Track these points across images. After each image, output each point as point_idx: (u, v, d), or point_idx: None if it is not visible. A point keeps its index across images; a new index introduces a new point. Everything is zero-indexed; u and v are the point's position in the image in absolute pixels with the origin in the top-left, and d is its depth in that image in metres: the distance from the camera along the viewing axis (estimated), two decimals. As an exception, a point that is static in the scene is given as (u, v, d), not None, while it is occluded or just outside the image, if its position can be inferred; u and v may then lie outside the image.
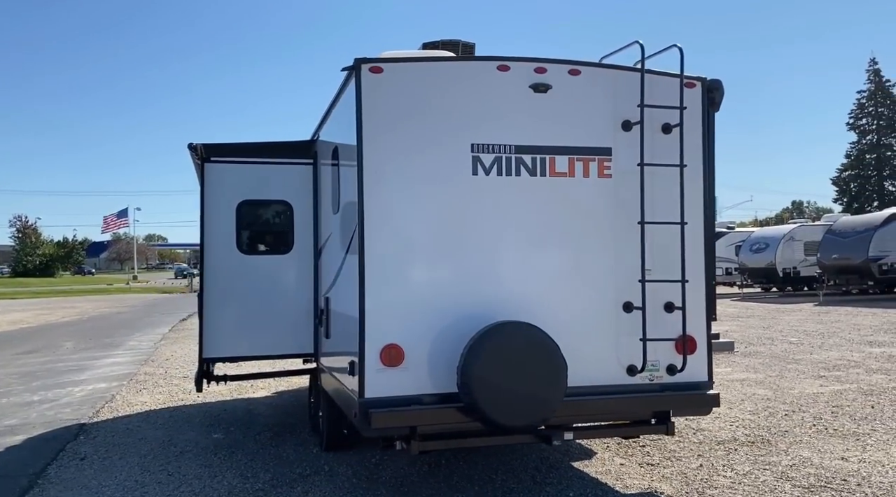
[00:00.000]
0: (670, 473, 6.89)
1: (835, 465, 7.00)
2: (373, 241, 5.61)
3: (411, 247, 5.74)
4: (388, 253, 5.66)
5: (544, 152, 5.94)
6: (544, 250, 5.96)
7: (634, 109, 6.02)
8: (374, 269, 5.61)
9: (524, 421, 5.44)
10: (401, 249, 5.71)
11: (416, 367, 5.63)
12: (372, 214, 5.62)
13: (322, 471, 7.19)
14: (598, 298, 6.02)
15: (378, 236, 5.63)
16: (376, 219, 5.63)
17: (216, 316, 7.85)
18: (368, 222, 5.62)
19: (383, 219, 5.65)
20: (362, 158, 5.62)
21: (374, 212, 5.63)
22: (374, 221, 5.62)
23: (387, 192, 5.66)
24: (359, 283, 5.60)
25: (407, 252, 5.72)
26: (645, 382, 6.04)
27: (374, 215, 5.63)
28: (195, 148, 7.80)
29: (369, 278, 5.60)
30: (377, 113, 5.64)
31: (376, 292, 5.60)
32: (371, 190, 5.62)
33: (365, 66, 5.63)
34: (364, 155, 5.62)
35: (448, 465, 7.23)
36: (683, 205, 6.01)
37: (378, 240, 5.62)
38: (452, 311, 5.72)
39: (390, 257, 5.67)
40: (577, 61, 6.08)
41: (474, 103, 5.85)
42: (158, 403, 11.01)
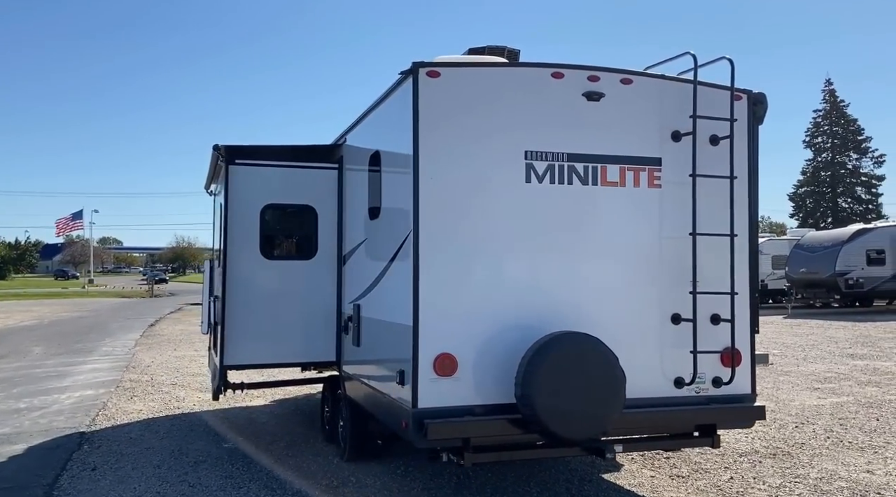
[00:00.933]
0: (704, 486, 6.86)
1: (863, 479, 7.06)
2: (428, 249, 5.49)
3: (465, 255, 5.63)
4: (443, 261, 5.55)
5: (596, 161, 5.89)
6: (595, 260, 5.90)
7: (683, 120, 6.02)
8: (428, 277, 5.49)
9: (584, 434, 5.37)
10: (455, 257, 5.60)
11: (468, 377, 5.52)
12: (427, 221, 5.50)
13: (349, 482, 7.02)
14: (647, 309, 5.97)
15: (433, 244, 5.51)
16: (432, 226, 5.51)
17: (238, 322, 7.62)
18: (424, 230, 5.49)
19: (439, 226, 5.53)
20: (418, 164, 5.50)
21: (430, 219, 5.51)
22: (429, 229, 5.50)
23: (443, 199, 5.55)
24: (413, 292, 5.47)
25: (461, 260, 5.61)
26: (691, 395, 6.01)
27: (430, 222, 5.51)
28: (219, 149, 7.58)
29: (424, 286, 5.48)
30: (434, 117, 5.53)
31: (431, 300, 5.48)
32: (427, 196, 5.51)
33: (423, 69, 5.52)
34: (420, 160, 5.50)
35: (477, 477, 7.11)
36: (733, 217, 6.02)
37: (433, 247, 5.51)
38: (506, 320, 5.63)
39: (445, 265, 5.55)
40: (629, 70, 6.05)
41: (528, 110, 5.78)
42: (154, 412, 10.68)
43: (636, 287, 5.97)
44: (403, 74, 5.67)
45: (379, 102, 6.52)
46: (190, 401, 11.54)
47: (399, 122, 5.89)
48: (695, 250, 5.90)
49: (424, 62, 5.61)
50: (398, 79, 5.89)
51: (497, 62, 5.90)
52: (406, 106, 5.64)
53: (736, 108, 6.12)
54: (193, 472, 7.47)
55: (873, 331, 21.32)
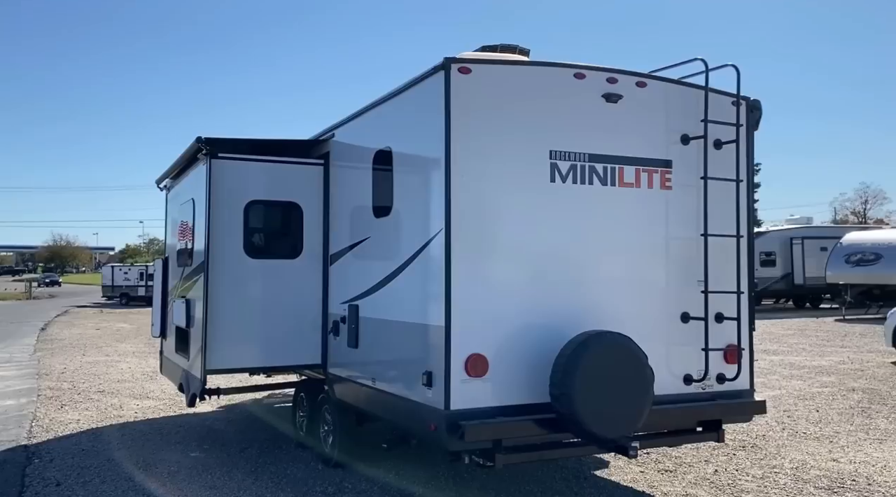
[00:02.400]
0: (695, 479, 7.08)
1: (832, 467, 7.47)
2: (460, 249, 5.40)
3: (494, 255, 5.57)
4: (474, 260, 5.47)
5: (614, 162, 5.97)
6: (613, 260, 5.97)
7: (690, 124, 6.19)
8: (460, 277, 5.40)
9: (619, 432, 5.41)
10: (485, 257, 5.53)
11: (498, 377, 5.47)
12: (459, 221, 5.41)
13: (346, 489, 6.81)
14: (660, 308, 6.10)
15: (465, 243, 5.42)
16: (464, 225, 5.42)
17: (222, 324, 7.23)
18: (456, 229, 5.39)
19: (470, 225, 5.45)
20: (450, 162, 5.40)
21: (462, 218, 5.42)
22: (461, 228, 5.41)
23: (473, 198, 5.47)
24: (445, 292, 5.37)
25: (490, 260, 5.55)
26: (698, 391, 6.18)
27: (462, 221, 5.41)
28: (203, 142, 7.18)
29: (456, 287, 5.38)
30: (465, 114, 5.45)
31: (462, 301, 5.39)
32: (459, 195, 5.41)
33: (454, 65, 5.43)
34: (452, 158, 5.40)
35: (476, 478, 7.06)
36: (740, 218, 6.24)
37: (465, 247, 5.42)
38: (534, 319, 5.62)
39: (475, 265, 5.47)
40: (643, 73, 6.17)
41: (552, 110, 5.79)
42: (94, 421, 10.01)
43: (650, 287, 6.09)
44: (433, 69, 5.55)
45: (389, 98, 6.36)
46: (129, 409, 10.90)
47: (422, 118, 5.77)
48: (706, 250, 6.08)
49: (456, 58, 5.52)
50: (422, 74, 5.77)
51: (523, 61, 5.87)
52: (433, 102, 5.53)
53: (732, 113, 6.34)
54: (172, 483, 7.06)
55: (773, 328, 22.63)
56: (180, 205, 8.85)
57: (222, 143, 7.27)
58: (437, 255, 5.48)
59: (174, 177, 9.48)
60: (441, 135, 5.43)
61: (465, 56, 5.75)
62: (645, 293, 6.06)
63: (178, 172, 9.12)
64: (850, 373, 13.62)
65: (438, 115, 5.45)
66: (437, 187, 5.47)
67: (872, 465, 7.57)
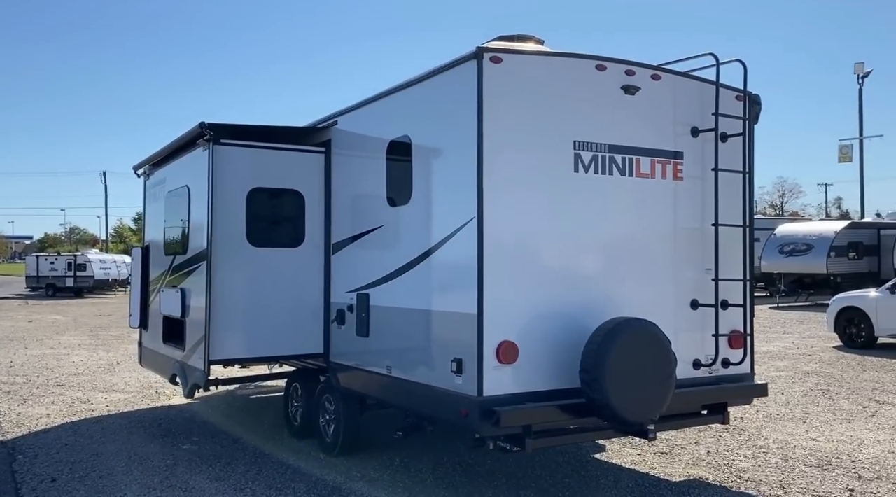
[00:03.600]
0: (691, 460, 7.34)
1: (814, 446, 7.85)
2: (492, 237, 5.45)
3: (524, 242, 5.65)
4: (505, 249, 5.53)
5: (632, 153, 6.11)
6: (631, 248, 6.12)
7: (699, 116, 6.39)
8: (492, 265, 5.45)
9: (647, 416, 5.57)
10: (515, 245, 5.60)
11: (527, 363, 5.56)
12: (492, 209, 5.46)
13: (355, 477, 6.80)
14: (672, 296, 6.29)
15: (497, 232, 5.48)
16: (496, 214, 5.47)
17: (226, 314, 7.08)
18: (488, 218, 5.44)
19: (502, 214, 5.51)
20: (482, 151, 5.44)
21: (494, 206, 5.47)
22: (493, 217, 5.46)
23: (504, 187, 5.53)
24: (477, 280, 5.42)
25: (520, 247, 5.63)
26: (705, 375, 6.40)
27: (494, 210, 5.47)
28: (206, 127, 6.99)
29: (488, 274, 5.44)
30: (496, 104, 5.49)
31: (494, 288, 5.45)
32: (490, 183, 5.46)
33: (486, 54, 5.46)
34: (485, 147, 5.44)
35: (482, 464, 7.15)
36: (745, 209, 6.48)
37: (496, 236, 5.48)
38: (561, 306, 5.73)
39: (506, 253, 5.54)
40: (658, 66, 6.32)
41: (575, 100, 5.89)
42: (66, 416, 9.67)
43: (663, 274, 6.26)
44: (463, 58, 5.57)
45: (406, 86, 6.34)
46: (97, 403, 10.56)
47: (449, 107, 5.79)
48: (717, 239, 6.29)
49: (488, 47, 5.55)
50: (448, 63, 5.79)
51: (549, 51, 5.94)
52: (464, 90, 5.55)
53: (737, 107, 6.57)
54: (174, 476, 6.91)
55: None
56: (169, 192, 8.60)
57: (225, 128, 7.11)
58: (469, 243, 5.51)
59: (157, 163, 9.21)
60: (473, 124, 5.46)
61: (492, 45, 5.77)
62: (658, 281, 6.24)
63: (163, 159, 8.86)
64: (800, 357, 14.25)
65: (470, 103, 5.48)
66: (468, 176, 5.50)
67: (849, 443, 7.98)
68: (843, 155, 37.15)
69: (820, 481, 6.67)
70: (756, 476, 6.84)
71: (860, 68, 38.03)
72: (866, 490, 6.43)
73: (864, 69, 38.03)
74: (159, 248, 8.90)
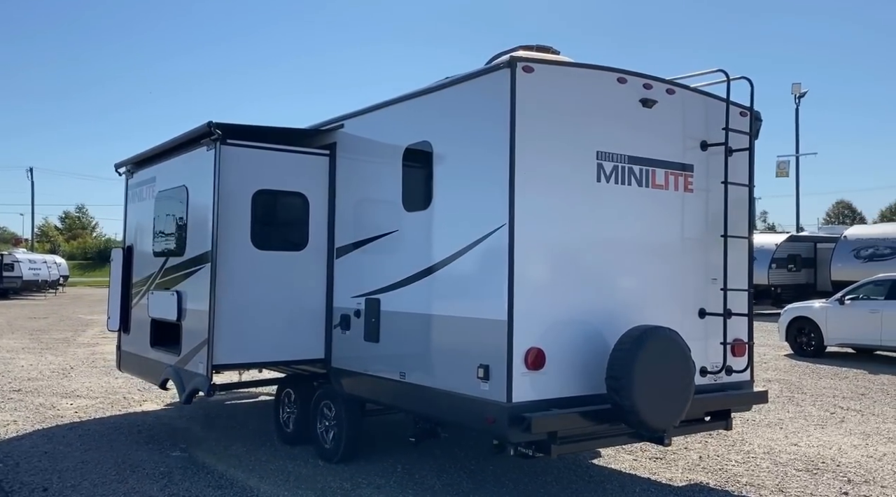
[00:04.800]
0: (687, 465, 7.51)
1: (798, 451, 8.13)
2: (522, 244, 5.50)
3: (551, 250, 5.72)
4: (533, 256, 5.59)
5: (648, 164, 6.25)
6: (648, 258, 6.25)
7: (706, 131, 6.57)
8: (522, 271, 5.50)
9: (669, 422, 5.70)
10: (543, 252, 5.67)
11: (553, 370, 5.62)
12: (521, 217, 5.50)
13: (361, 484, 6.74)
14: (683, 305, 6.45)
15: (526, 239, 5.53)
16: (526, 221, 5.52)
17: (229, 318, 6.91)
18: (519, 224, 5.49)
19: (531, 221, 5.56)
20: (514, 158, 5.49)
21: (525, 214, 5.52)
22: (524, 224, 5.51)
23: (534, 195, 5.59)
24: (507, 286, 5.46)
25: (547, 255, 5.70)
26: (710, 383, 6.58)
27: (525, 217, 5.52)
28: (213, 126, 6.82)
29: (518, 281, 5.48)
30: (528, 112, 5.55)
31: (524, 295, 5.49)
32: (521, 191, 5.51)
33: (520, 63, 5.51)
34: (516, 154, 5.49)
35: (483, 472, 7.16)
36: (751, 221, 6.70)
37: (526, 242, 5.52)
38: (585, 314, 5.82)
39: (534, 260, 5.60)
40: (671, 81, 6.48)
41: (599, 112, 6.00)
42: (34, 423, 9.27)
43: (674, 284, 6.42)
44: (494, 67, 5.62)
45: (427, 92, 6.35)
46: (63, 409, 10.17)
47: (478, 114, 5.82)
48: (726, 250, 6.48)
49: (521, 56, 5.61)
50: (477, 71, 5.83)
51: (576, 63, 6.02)
52: (495, 98, 5.60)
53: (742, 123, 6.79)
54: (173, 483, 6.72)
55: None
56: (160, 191, 8.35)
57: (232, 128, 6.96)
58: (499, 249, 5.54)
59: (143, 162, 8.94)
60: (505, 132, 5.50)
61: (524, 55, 5.83)
62: (671, 290, 6.39)
63: (152, 157, 8.61)
64: (757, 365, 14.63)
65: (502, 112, 5.52)
66: (499, 183, 5.53)
67: (829, 447, 8.30)
68: (781, 170, 38.62)
69: (815, 485, 6.92)
70: (753, 480, 7.05)
71: (797, 88, 39.65)
72: (859, 493, 6.70)
73: (800, 89, 39.68)
74: (146, 249, 8.63)
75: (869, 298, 15.26)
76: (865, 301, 15.26)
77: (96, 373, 13.48)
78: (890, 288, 14.97)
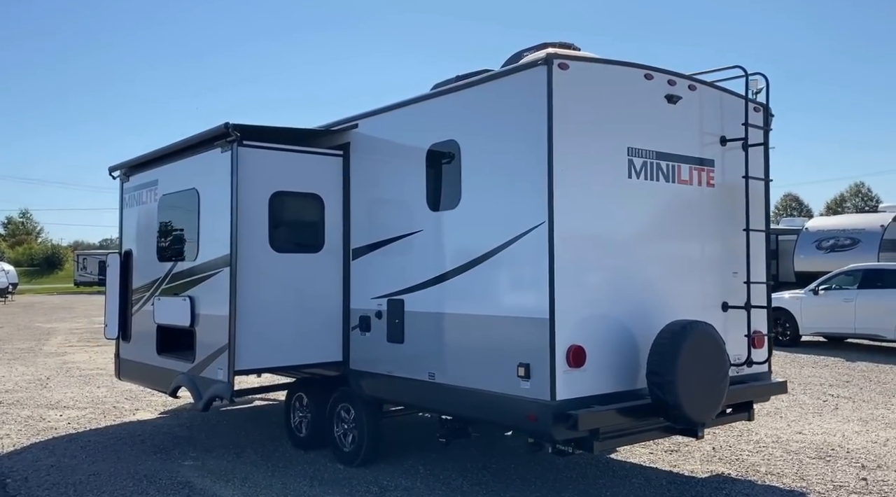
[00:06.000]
0: (704, 456, 7.62)
1: (804, 439, 8.32)
2: (562, 241, 5.50)
3: (588, 247, 5.73)
4: (573, 253, 5.59)
5: (674, 160, 6.31)
6: (676, 253, 6.32)
7: (722, 126, 6.66)
8: (562, 269, 5.50)
9: (708, 415, 5.76)
10: (581, 249, 5.67)
11: (593, 367, 5.63)
12: (561, 213, 5.50)
13: (389, 487, 6.66)
14: (709, 298, 6.52)
15: (566, 236, 5.53)
16: (564, 218, 5.52)
17: (250, 322, 6.76)
18: (559, 221, 5.49)
19: (570, 219, 5.57)
20: (552, 155, 5.49)
21: (563, 211, 5.52)
22: (563, 222, 5.51)
23: (571, 191, 5.59)
24: (549, 284, 5.45)
25: (585, 251, 5.71)
26: (733, 375, 6.66)
27: (563, 214, 5.52)
28: (231, 127, 6.67)
29: (559, 278, 5.48)
30: (564, 110, 5.55)
31: (565, 292, 5.50)
32: (560, 188, 5.51)
33: (556, 61, 5.51)
34: (554, 151, 5.49)
35: (505, 470, 7.15)
36: (768, 214, 6.81)
37: (566, 239, 5.53)
38: (622, 310, 5.85)
39: (574, 257, 5.60)
40: (692, 77, 6.55)
41: (629, 108, 6.03)
42: (28, 436, 8.95)
43: (700, 278, 6.49)
44: (529, 64, 5.62)
45: (454, 90, 6.31)
46: (54, 420, 9.84)
47: (512, 112, 5.80)
48: (748, 244, 6.58)
49: (557, 53, 5.61)
50: (507, 69, 5.83)
51: (606, 59, 6.03)
52: (530, 96, 5.60)
53: (756, 118, 6.91)
54: (195, 493, 6.56)
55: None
56: (165, 195, 8.13)
57: (250, 129, 6.81)
58: (539, 247, 5.53)
59: (140, 165, 8.70)
60: (543, 129, 5.50)
61: (559, 52, 5.83)
62: (698, 285, 6.46)
63: (151, 160, 8.38)
64: (737, 356, 15.01)
65: (539, 109, 5.52)
66: (538, 180, 5.53)
67: (832, 435, 8.50)
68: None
69: (832, 472, 7.07)
70: (772, 469, 7.18)
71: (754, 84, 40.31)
72: (877, 478, 6.88)
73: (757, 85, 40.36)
74: (149, 253, 8.38)
75: (842, 288, 15.69)
76: (839, 291, 15.69)
77: (75, 383, 13.09)
78: (862, 278, 15.42)
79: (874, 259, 19.85)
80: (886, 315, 14.74)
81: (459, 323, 6.22)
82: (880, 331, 14.97)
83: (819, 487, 6.65)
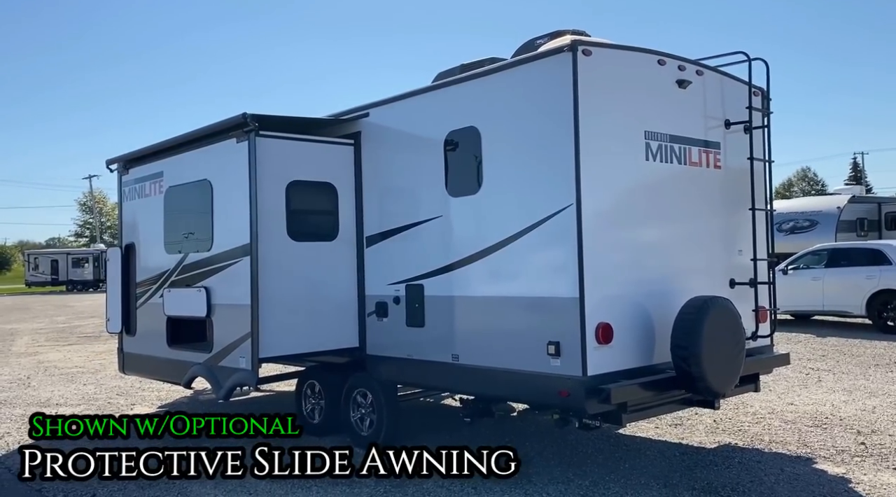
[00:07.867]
0: (708, 429, 7.92)
1: (798, 409, 8.70)
2: (589, 222, 5.69)
3: (613, 227, 5.94)
4: (599, 233, 5.79)
5: (685, 143, 6.55)
6: (690, 232, 6.58)
7: (725, 110, 6.92)
8: (590, 249, 5.70)
9: (727, 387, 6.04)
10: (606, 230, 5.87)
11: (619, 343, 5.85)
12: (588, 196, 5.70)
13: (413, 468, 6.79)
14: (718, 276, 6.80)
15: (592, 217, 5.72)
16: (591, 200, 5.72)
17: (272, 310, 6.83)
18: (586, 203, 5.68)
19: (596, 201, 5.77)
20: (578, 139, 5.67)
21: (589, 193, 5.71)
22: (589, 202, 5.70)
23: (596, 174, 5.79)
24: (577, 265, 5.65)
25: (610, 232, 5.91)
26: (741, 348, 6.96)
27: (589, 196, 5.71)
28: (249, 118, 6.69)
29: (587, 258, 5.67)
30: (589, 95, 5.74)
31: (593, 272, 5.70)
32: (587, 171, 5.70)
33: (580, 47, 5.69)
34: (581, 135, 5.68)
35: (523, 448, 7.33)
36: (770, 194, 7.11)
37: (592, 220, 5.72)
38: (645, 287, 6.09)
39: (600, 238, 5.80)
40: (700, 62, 6.79)
41: (645, 92, 6.25)
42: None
43: (711, 256, 6.76)
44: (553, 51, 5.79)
45: (474, 77, 6.44)
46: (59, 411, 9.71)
47: (537, 98, 5.96)
48: (754, 222, 6.86)
49: (581, 40, 5.78)
50: (534, 54, 5.98)
51: (625, 45, 6.22)
52: (556, 82, 5.77)
53: (757, 102, 7.19)
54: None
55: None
56: (172, 187, 8.10)
57: (268, 119, 6.85)
58: (567, 228, 5.72)
59: (140, 158, 8.63)
60: (569, 114, 5.68)
61: (582, 39, 6.00)
62: (708, 262, 6.73)
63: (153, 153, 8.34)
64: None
65: (565, 94, 5.70)
66: (565, 164, 5.71)
67: (822, 405, 8.90)
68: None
69: (832, 439, 7.43)
70: (775, 438, 7.51)
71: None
72: (874, 442, 7.25)
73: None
74: (156, 246, 8.34)
75: (809, 267, 16.25)
76: (806, 270, 16.25)
77: (59, 381, 12.90)
78: (829, 257, 16.01)
79: (832, 239, 20.61)
80: (853, 292, 15.34)
81: (484, 305, 6.38)
82: (847, 307, 15.58)
83: (823, 452, 7.00)
